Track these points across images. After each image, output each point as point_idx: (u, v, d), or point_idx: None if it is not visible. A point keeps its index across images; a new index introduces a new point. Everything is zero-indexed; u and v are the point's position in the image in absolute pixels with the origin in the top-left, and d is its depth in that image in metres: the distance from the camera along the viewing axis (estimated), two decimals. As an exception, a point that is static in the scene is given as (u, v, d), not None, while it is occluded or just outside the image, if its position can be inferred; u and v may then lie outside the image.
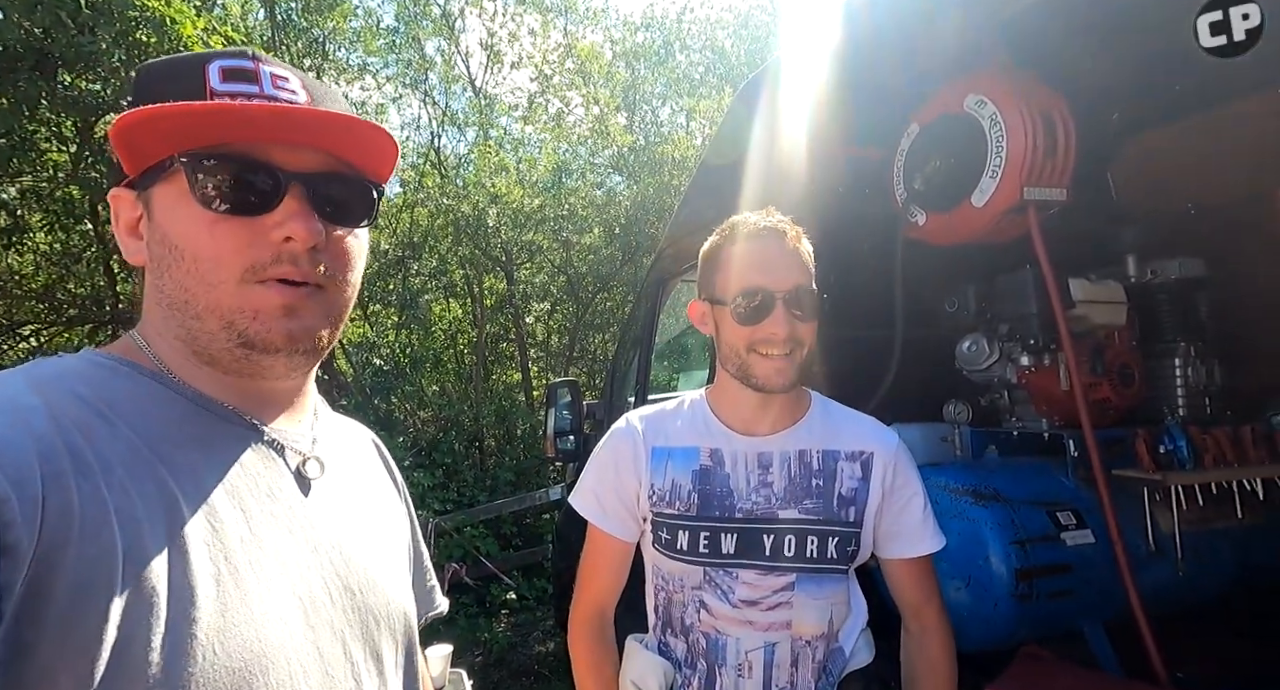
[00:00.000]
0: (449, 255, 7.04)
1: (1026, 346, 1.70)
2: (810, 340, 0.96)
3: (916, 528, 1.02)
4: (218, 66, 0.51)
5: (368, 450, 0.70)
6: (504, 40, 8.58)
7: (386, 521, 0.66)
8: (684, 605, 1.00)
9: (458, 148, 8.96)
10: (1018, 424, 1.80)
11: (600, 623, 1.06)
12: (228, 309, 0.50)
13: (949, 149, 1.76)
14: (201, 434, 0.51)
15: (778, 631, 0.96)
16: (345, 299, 0.56)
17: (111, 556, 0.40)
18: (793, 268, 0.94)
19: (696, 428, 1.04)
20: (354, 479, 0.63)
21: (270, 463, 0.54)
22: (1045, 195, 1.60)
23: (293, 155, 0.51)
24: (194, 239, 0.50)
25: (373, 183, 0.56)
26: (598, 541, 1.07)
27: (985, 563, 1.47)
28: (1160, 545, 1.55)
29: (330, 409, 0.68)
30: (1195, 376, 1.79)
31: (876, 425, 1.06)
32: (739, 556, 0.97)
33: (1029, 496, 1.55)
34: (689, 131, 8.88)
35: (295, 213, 0.50)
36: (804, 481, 0.99)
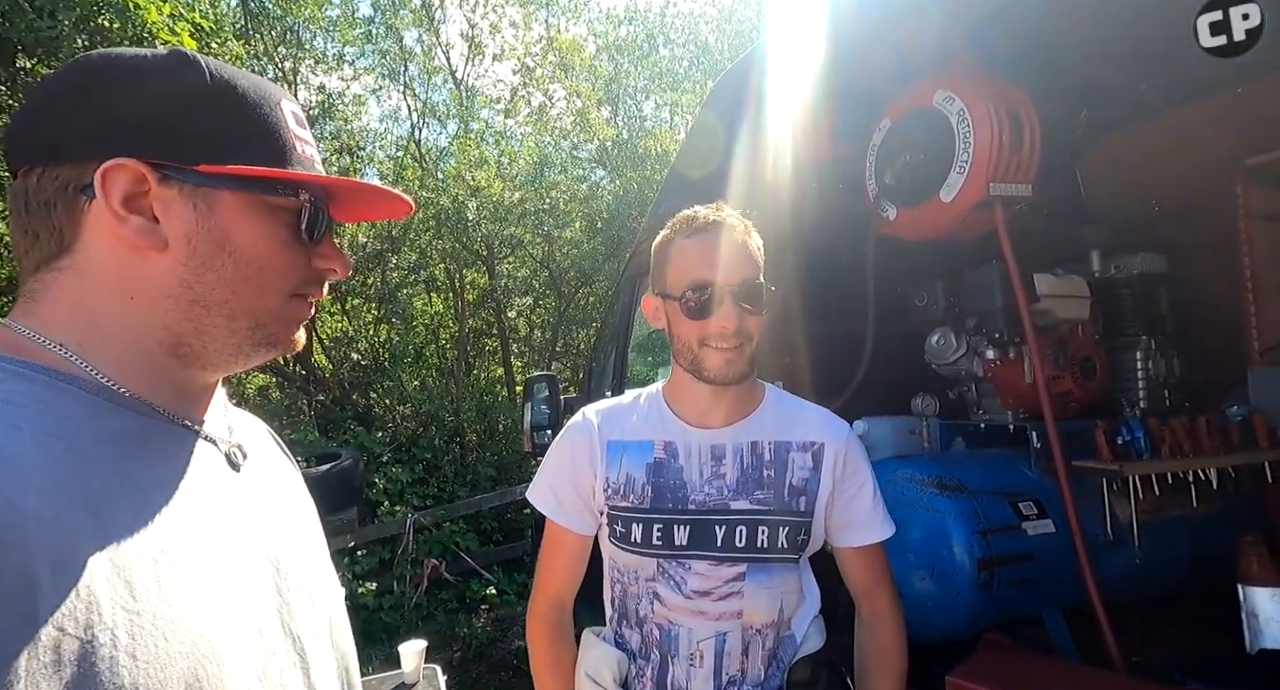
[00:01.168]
0: (429, 249, 6.97)
1: (992, 340, 1.73)
2: (760, 332, 0.97)
3: (867, 516, 1.03)
4: (290, 111, 0.58)
5: (267, 440, 0.70)
6: (485, 32, 8.49)
7: (304, 507, 0.67)
8: (638, 597, 1.01)
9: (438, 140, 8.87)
10: (984, 416, 1.83)
11: (558, 616, 1.07)
12: (268, 314, 0.56)
13: (919, 144, 1.78)
14: (116, 429, 0.49)
15: (729, 621, 0.97)
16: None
17: (33, 564, 0.39)
18: (740, 261, 0.95)
19: (652, 421, 1.04)
20: (268, 466, 0.64)
21: (196, 452, 0.54)
22: (1011, 191, 1.62)
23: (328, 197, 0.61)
24: (269, 252, 0.55)
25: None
26: (555, 535, 1.07)
27: (949, 553, 1.49)
28: (1118, 534, 1.59)
29: None
30: (1155, 369, 1.83)
31: (828, 416, 1.07)
32: (691, 548, 0.98)
33: (992, 487, 1.58)
34: (672, 126, 8.88)
35: (339, 251, 0.61)
36: (755, 473, 1.00)
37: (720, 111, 2.32)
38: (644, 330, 3.05)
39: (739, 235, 0.96)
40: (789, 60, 2.04)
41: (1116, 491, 1.58)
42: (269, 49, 5.79)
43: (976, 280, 1.77)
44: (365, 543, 4.57)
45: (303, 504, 0.67)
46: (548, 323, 8.47)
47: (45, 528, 0.40)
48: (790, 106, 2.00)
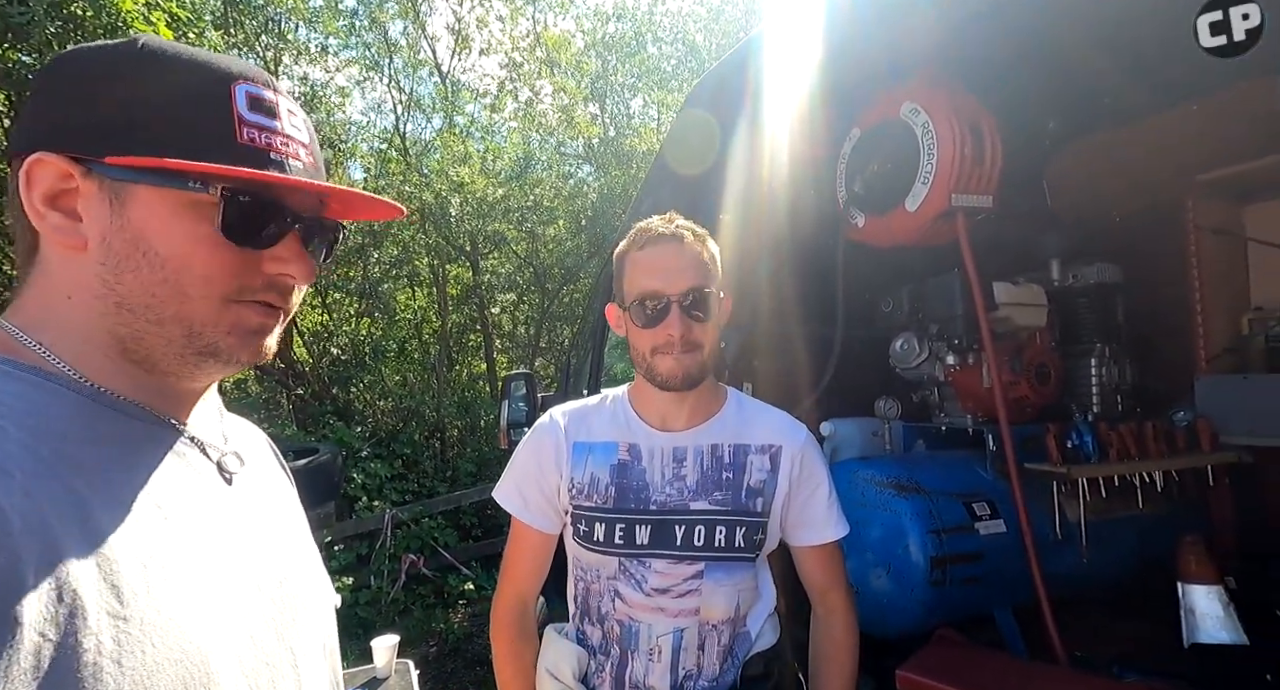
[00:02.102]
0: (412, 243, 6.94)
1: (952, 346, 1.78)
2: (711, 340, 1.00)
3: (822, 517, 1.08)
4: (245, 92, 0.51)
5: (263, 448, 0.71)
6: (471, 25, 8.44)
7: (295, 514, 0.67)
8: (600, 594, 1.04)
9: (423, 134, 8.80)
10: (945, 419, 1.89)
11: (520, 613, 1.10)
12: (199, 321, 0.50)
13: (886, 154, 1.83)
14: (105, 433, 0.49)
15: (687, 617, 1.01)
16: (288, 318, 0.60)
17: (18, 566, 0.38)
18: (689, 271, 0.98)
19: (617, 424, 1.07)
20: (261, 474, 0.64)
21: (186, 459, 0.54)
22: (972, 202, 1.68)
23: (294, 195, 0.54)
24: (189, 254, 0.49)
25: (340, 224, 0.60)
26: (519, 533, 1.10)
27: (905, 551, 1.55)
28: (1066, 534, 1.66)
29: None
30: (1108, 375, 1.90)
31: (787, 420, 1.11)
32: (652, 547, 1.01)
33: (948, 488, 1.64)
34: (659, 125, 8.89)
35: (298, 254, 0.54)
36: (715, 474, 1.03)
37: (700, 113, 2.35)
38: (622, 330, 3.08)
39: (689, 246, 0.99)
40: (767, 67, 2.08)
41: (1065, 493, 1.64)
42: (249, 39, 5.72)
43: (938, 288, 1.83)
44: (343, 538, 4.56)
45: (296, 514, 0.67)
46: (531, 319, 8.47)
47: (31, 531, 0.39)
48: (767, 111, 2.04)
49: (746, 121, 2.11)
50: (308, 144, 0.55)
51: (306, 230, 0.55)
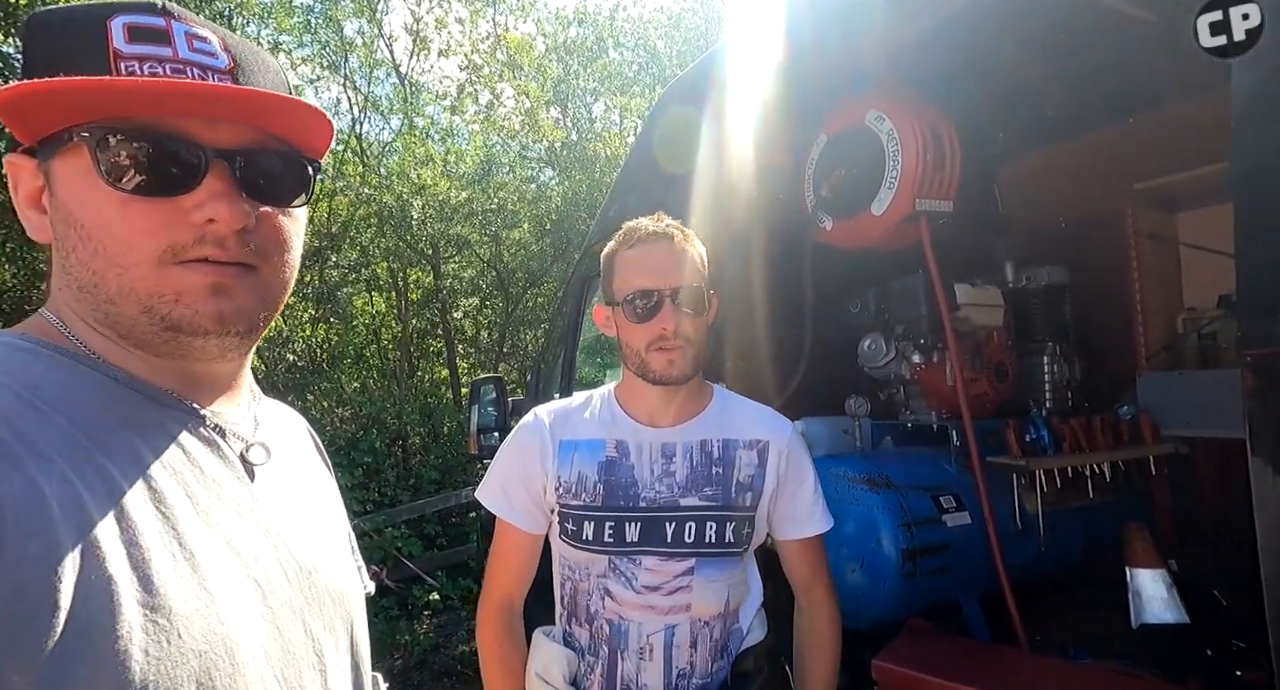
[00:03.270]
0: (371, 247, 6.77)
1: (917, 345, 1.85)
2: (701, 335, 1.02)
3: (807, 511, 1.10)
4: (122, 23, 0.46)
5: (301, 435, 0.69)
6: (430, 26, 8.32)
7: (327, 503, 0.65)
8: (589, 593, 1.04)
9: (381, 135, 8.61)
10: (911, 416, 1.96)
11: (508, 615, 1.09)
12: (144, 293, 0.46)
13: (852, 160, 1.89)
14: (138, 418, 0.48)
15: (678, 614, 1.02)
16: (282, 280, 0.53)
17: (57, 550, 0.38)
18: (679, 268, 1.01)
19: (604, 421, 1.08)
20: (294, 462, 0.62)
21: (214, 447, 0.52)
22: (934, 206, 1.75)
23: (214, 128, 0.47)
24: (102, 219, 0.45)
25: (308, 158, 0.53)
26: (505, 535, 1.09)
27: (877, 545, 1.60)
28: (1025, 524, 1.74)
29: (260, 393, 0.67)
30: (1059, 372, 2.01)
31: (773, 415, 1.13)
32: (642, 544, 1.01)
33: (917, 483, 1.70)
34: (621, 129, 8.93)
35: (219, 193, 0.46)
36: (705, 470, 1.05)
37: (668, 120, 2.38)
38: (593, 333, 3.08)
39: (679, 244, 1.02)
40: (732, 74, 2.13)
41: (1025, 485, 1.72)
42: (197, 33, 5.48)
43: (904, 289, 1.90)
44: (301, 551, 4.40)
45: (330, 504, 0.65)
46: (495, 324, 8.36)
47: (69, 517, 0.39)
48: (733, 118, 2.09)
49: (713, 127, 2.15)
50: (224, 68, 0.49)
51: (238, 166, 0.48)
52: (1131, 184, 2.00)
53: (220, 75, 0.49)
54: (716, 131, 2.14)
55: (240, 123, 0.49)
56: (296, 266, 0.55)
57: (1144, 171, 1.98)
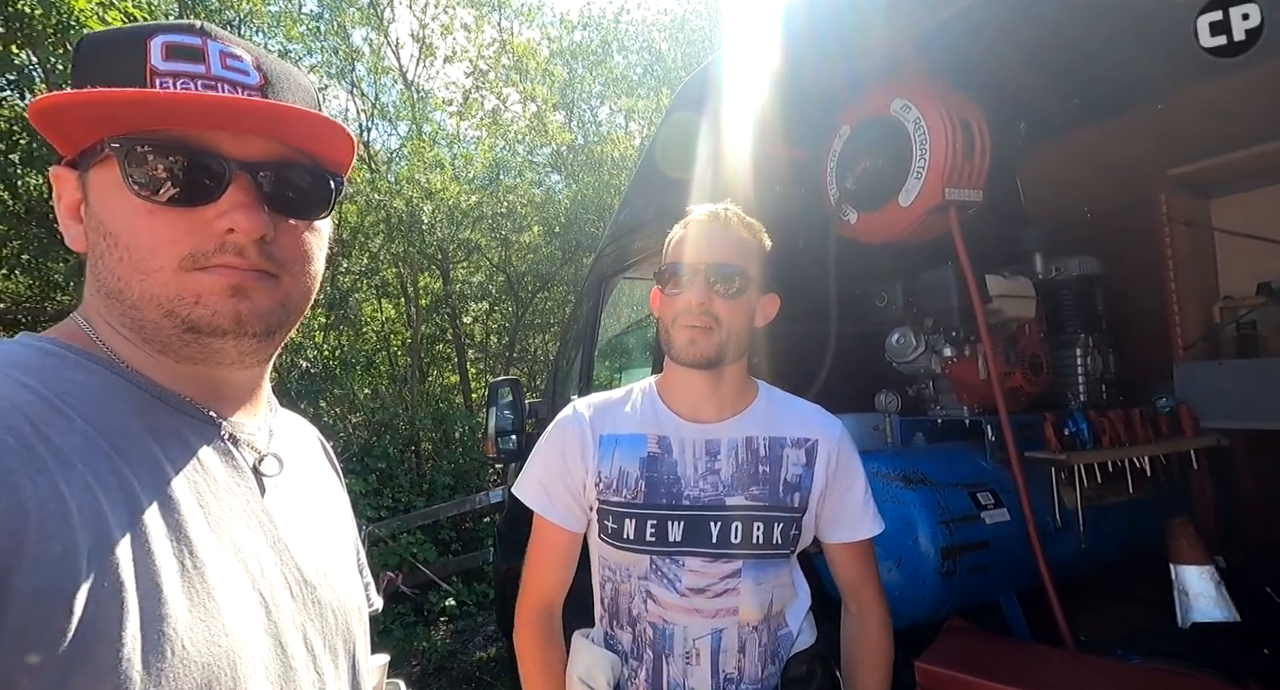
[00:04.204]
0: (381, 253, 6.78)
1: (949, 339, 1.81)
2: (737, 321, 0.98)
3: (857, 513, 1.06)
4: (161, 42, 0.49)
5: (314, 447, 0.69)
6: (436, 33, 8.34)
7: (336, 517, 0.65)
8: (630, 595, 1.00)
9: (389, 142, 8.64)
10: (941, 412, 1.91)
11: (548, 618, 1.05)
12: (165, 297, 0.48)
13: (877, 151, 1.86)
14: (158, 427, 0.49)
15: (725, 618, 0.98)
16: (303, 290, 0.54)
17: (75, 556, 0.39)
18: (723, 246, 0.98)
19: (645, 415, 1.04)
20: (306, 474, 0.63)
21: (228, 458, 0.53)
22: (964, 196, 1.71)
23: (240, 142, 0.49)
24: (130, 227, 0.47)
25: (330, 173, 0.54)
26: (544, 533, 1.05)
27: (915, 543, 1.55)
28: (1065, 520, 1.69)
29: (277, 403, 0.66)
30: (1092, 364, 1.96)
31: (821, 413, 1.09)
32: (686, 544, 0.97)
33: (953, 479, 1.65)
34: (628, 131, 8.92)
35: (239, 204, 0.48)
36: (751, 468, 1.00)
37: (684, 118, 2.35)
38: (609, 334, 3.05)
39: (731, 228, 0.99)
40: (748, 69, 2.10)
41: (1064, 480, 1.67)
42: (207, 43, 5.51)
43: (933, 282, 1.86)
44: (317, 558, 4.39)
45: (338, 518, 0.66)
46: (504, 328, 8.35)
47: (88, 523, 0.40)
48: (751, 113, 2.05)
49: (728, 124, 2.12)
50: (255, 84, 0.51)
51: (261, 179, 0.50)
52: (1164, 170, 1.95)
53: (250, 91, 0.51)
54: (732, 127, 2.11)
55: (263, 135, 0.50)
56: (318, 278, 0.56)
57: (1177, 157, 1.93)
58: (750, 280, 0.99)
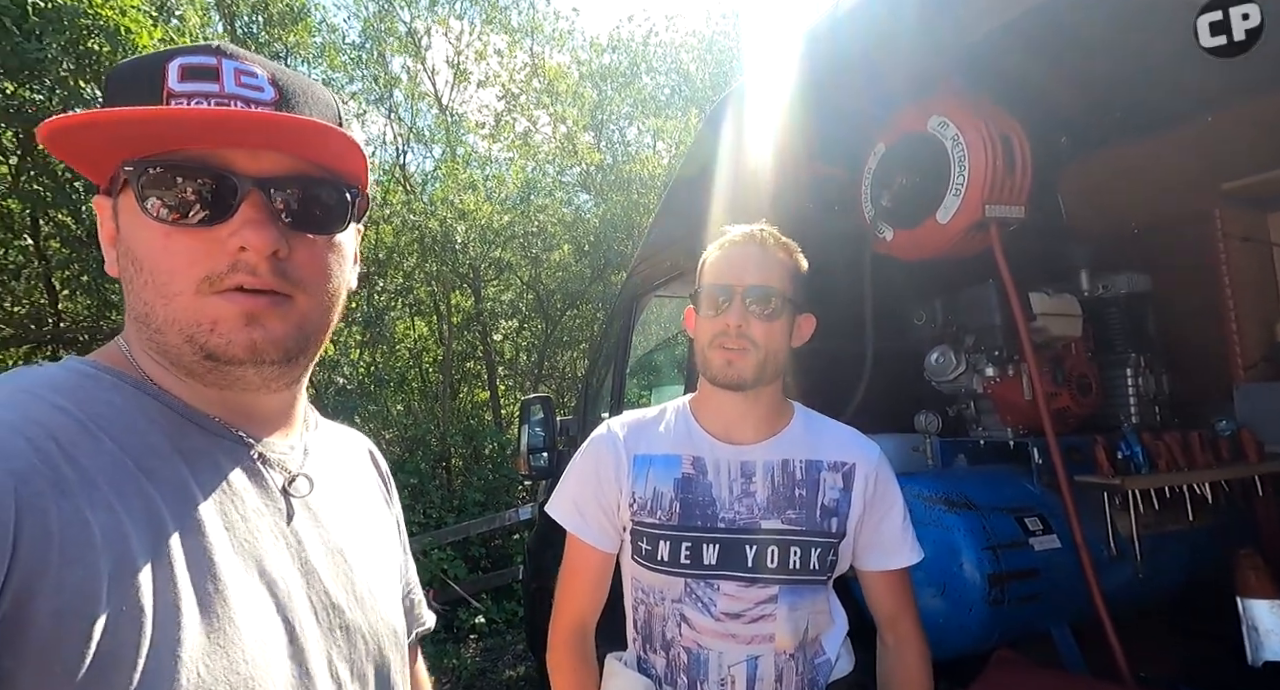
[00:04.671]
0: (415, 272, 6.94)
1: (991, 358, 1.76)
2: (773, 343, 0.97)
3: (895, 539, 1.03)
4: (178, 64, 0.49)
5: (362, 461, 0.68)
6: (470, 59, 8.60)
7: (376, 536, 0.64)
8: (664, 619, 0.99)
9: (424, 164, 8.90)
10: (984, 433, 1.86)
11: (581, 640, 1.03)
12: (185, 322, 0.48)
13: (914, 168, 1.83)
14: (188, 448, 0.49)
15: (760, 644, 0.96)
16: (323, 309, 0.53)
17: (96, 579, 0.39)
18: (760, 268, 0.97)
19: (679, 435, 1.03)
20: (345, 492, 0.62)
21: (257, 479, 0.53)
22: (1005, 212, 1.68)
23: (254, 159, 0.48)
24: (151, 251, 0.48)
25: (347, 185, 0.53)
26: (577, 553, 1.05)
27: (959, 569, 1.50)
28: (1120, 548, 1.61)
29: (322, 417, 0.66)
30: (1145, 386, 1.88)
31: (859, 436, 1.07)
32: (720, 568, 0.96)
33: (998, 503, 1.59)
34: (656, 151, 9.02)
35: (250, 220, 0.47)
36: (787, 491, 0.99)
37: (715, 137, 2.37)
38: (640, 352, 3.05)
39: (767, 249, 0.99)
40: (780, 89, 2.10)
41: (1118, 506, 1.60)
42: (256, 73, 5.78)
43: (974, 299, 1.82)
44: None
45: (379, 535, 0.64)
46: (534, 346, 8.43)
47: (110, 545, 0.40)
48: (783, 132, 2.06)
49: (761, 144, 2.12)
50: (269, 100, 0.50)
51: (274, 194, 0.49)
52: (1218, 184, 1.89)
53: (264, 106, 0.50)
54: (764, 146, 2.12)
55: (270, 149, 0.49)
56: (340, 295, 0.55)
57: (1231, 170, 1.86)
58: (787, 301, 0.98)
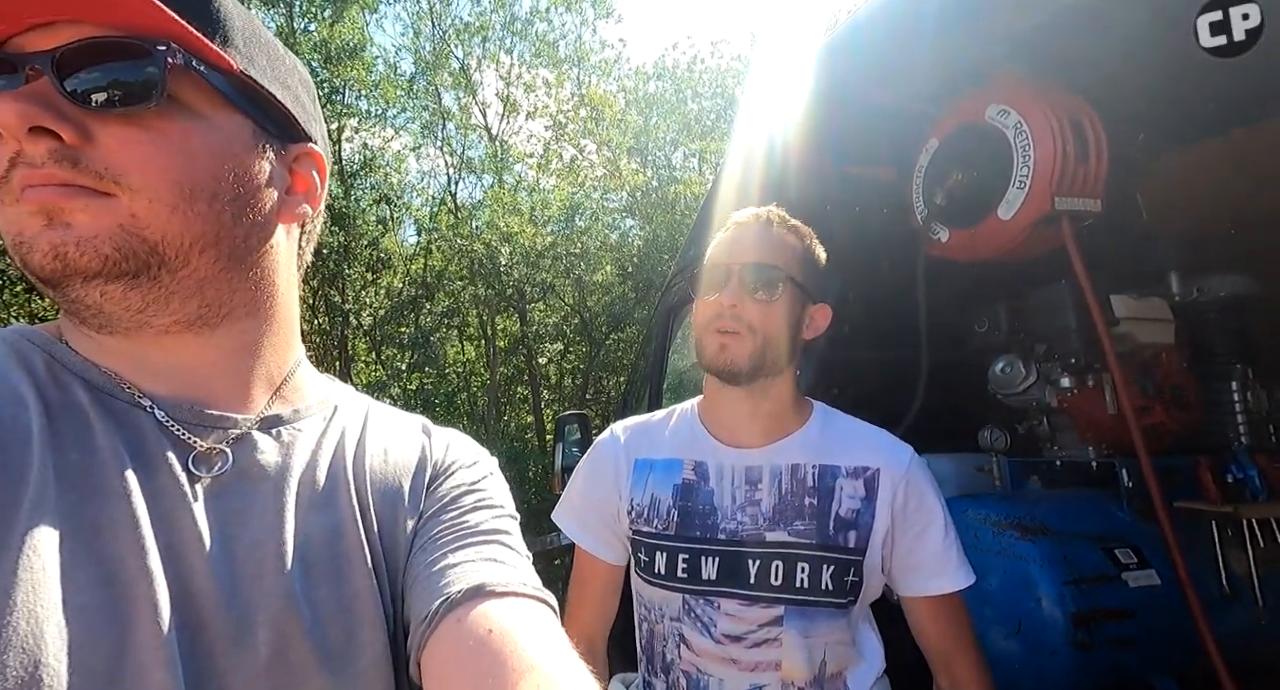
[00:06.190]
0: (462, 295, 7.08)
1: (1067, 367, 1.58)
2: (773, 328, 0.88)
3: (936, 559, 0.88)
4: None
5: (395, 452, 0.55)
6: (520, 92, 8.89)
7: (339, 536, 0.50)
8: (664, 639, 0.90)
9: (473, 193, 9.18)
10: (1060, 452, 1.66)
11: (587, 657, 0.93)
12: (7, 241, 0.40)
13: (971, 162, 1.69)
14: (71, 401, 0.42)
15: (765, 672, 0.84)
16: (162, 206, 0.41)
17: None
18: (761, 246, 0.89)
19: (682, 438, 0.95)
20: (313, 481, 0.50)
21: (144, 443, 0.43)
22: (1078, 205, 1.51)
23: (49, 36, 0.39)
24: None
25: (144, 39, 0.40)
26: (582, 563, 0.98)
27: (1037, 606, 1.31)
28: (1234, 587, 1.38)
29: (378, 404, 0.58)
30: (1256, 401, 1.64)
31: (886, 438, 0.94)
32: (721, 583, 0.86)
33: (1081, 531, 1.40)
34: (701, 173, 9.02)
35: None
36: (795, 500, 0.88)
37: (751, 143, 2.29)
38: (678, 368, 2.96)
39: (771, 228, 0.91)
40: (817, 88, 2.01)
41: (1230, 538, 1.38)
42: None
43: (1045, 302, 1.64)
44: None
45: (342, 538, 0.50)
46: (578, 369, 8.43)
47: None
48: (824, 132, 1.95)
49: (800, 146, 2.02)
50: None
51: (54, 70, 0.39)
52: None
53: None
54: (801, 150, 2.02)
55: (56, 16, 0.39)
56: (191, 189, 0.42)
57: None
58: (793, 284, 0.89)
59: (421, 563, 0.51)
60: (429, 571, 0.50)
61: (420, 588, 0.49)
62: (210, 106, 0.43)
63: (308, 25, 6.57)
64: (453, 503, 0.55)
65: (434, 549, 0.51)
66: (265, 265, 0.49)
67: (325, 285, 6.57)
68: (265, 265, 0.49)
